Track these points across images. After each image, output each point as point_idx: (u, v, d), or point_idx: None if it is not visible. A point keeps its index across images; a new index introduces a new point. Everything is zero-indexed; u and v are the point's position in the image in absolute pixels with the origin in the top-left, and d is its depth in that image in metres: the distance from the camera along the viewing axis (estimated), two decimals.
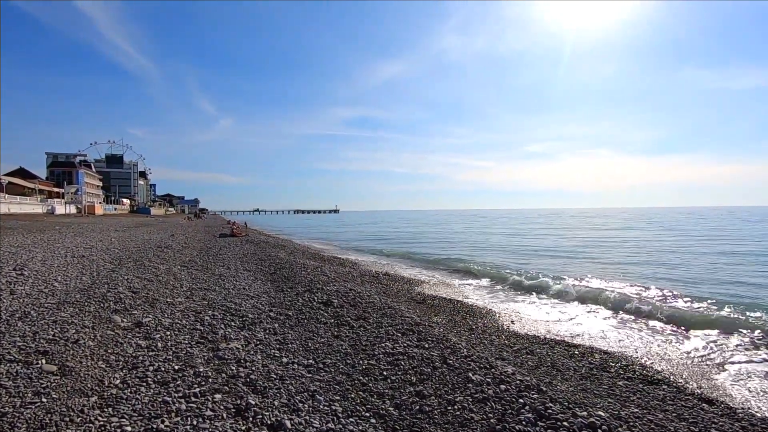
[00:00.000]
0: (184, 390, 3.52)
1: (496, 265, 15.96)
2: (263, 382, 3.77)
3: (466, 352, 4.77)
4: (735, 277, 12.85)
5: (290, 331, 5.47)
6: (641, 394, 4.25)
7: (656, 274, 13.67)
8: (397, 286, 10.40)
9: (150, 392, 3.45)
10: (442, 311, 7.86)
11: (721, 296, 10.05)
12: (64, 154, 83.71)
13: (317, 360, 4.47)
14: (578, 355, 5.60)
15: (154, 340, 4.75)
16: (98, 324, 5.21)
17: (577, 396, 3.86)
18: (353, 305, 7.09)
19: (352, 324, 5.94)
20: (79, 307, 5.90)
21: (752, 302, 9.36)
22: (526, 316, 8.19)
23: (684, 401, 4.12)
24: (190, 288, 7.93)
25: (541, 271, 14.19)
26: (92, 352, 4.24)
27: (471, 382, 3.93)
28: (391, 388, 3.84)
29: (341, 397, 3.60)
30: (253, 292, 7.91)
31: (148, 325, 5.30)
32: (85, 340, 4.57)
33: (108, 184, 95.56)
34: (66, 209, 54.49)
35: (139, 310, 6.03)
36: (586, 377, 4.71)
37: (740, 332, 7.05)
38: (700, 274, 13.47)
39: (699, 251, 20.20)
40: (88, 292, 6.86)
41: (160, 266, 10.35)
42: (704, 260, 16.88)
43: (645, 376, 4.85)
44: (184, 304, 6.59)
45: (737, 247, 22.02)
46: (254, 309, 6.51)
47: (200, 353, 4.42)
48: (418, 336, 5.40)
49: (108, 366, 3.95)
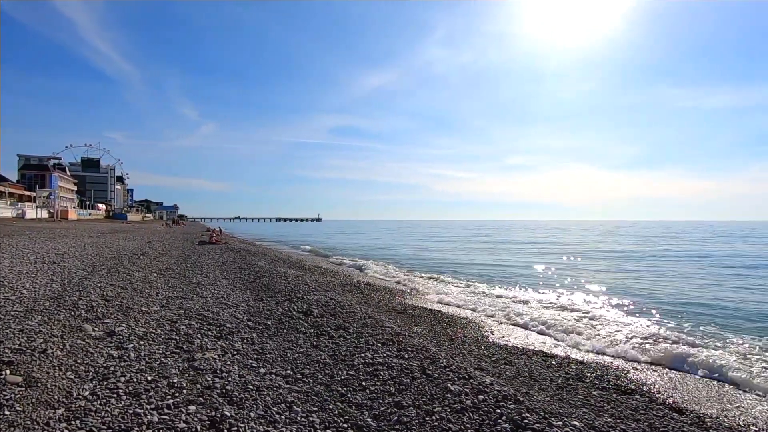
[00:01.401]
0: (157, 401, 3.42)
1: (478, 276, 16.12)
2: (240, 393, 3.70)
3: (446, 363, 4.78)
4: (705, 291, 13.29)
5: (269, 341, 5.39)
6: (615, 403, 4.34)
7: (625, 285, 14.03)
8: (378, 296, 10.38)
9: (121, 404, 3.35)
10: (422, 321, 7.88)
11: (690, 309, 10.38)
12: (37, 157, 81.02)
13: (296, 370, 4.41)
14: (555, 365, 5.69)
15: (126, 349, 4.61)
16: (68, 333, 5.03)
17: (553, 406, 3.92)
18: (333, 315, 7.04)
19: (331, 334, 5.90)
20: (48, 316, 5.69)
21: (723, 314, 9.69)
22: (505, 326, 8.28)
23: (655, 411, 4.22)
24: (166, 296, 7.74)
25: (522, 283, 14.40)
26: (60, 363, 4.09)
27: (450, 393, 3.95)
28: (370, 398, 3.82)
29: (319, 408, 3.57)
30: (231, 301, 7.78)
31: (121, 334, 5.14)
32: (54, 349, 4.41)
33: (83, 188, 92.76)
34: (37, 213, 52.60)
35: (112, 318, 5.85)
36: (562, 387, 4.78)
37: (708, 343, 7.29)
38: (670, 288, 13.89)
39: (670, 266, 20.84)
40: (58, 300, 6.63)
41: (135, 274, 10.09)
42: (677, 275, 17.42)
43: (619, 386, 4.96)
44: (159, 312, 6.43)
45: (708, 260, 22.81)
46: (232, 318, 6.40)
47: (175, 363, 4.32)
48: (398, 346, 5.39)
49: (77, 377, 3.82)
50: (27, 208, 51.32)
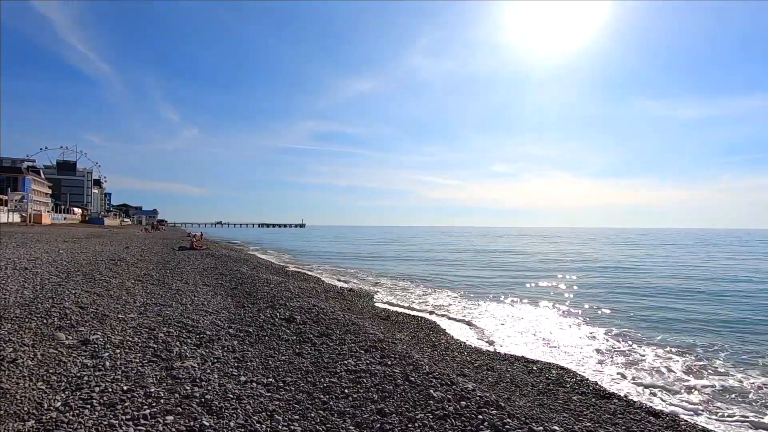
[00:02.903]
0: (133, 412, 3.33)
1: (463, 282, 16.23)
2: (219, 402, 3.63)
3: (428, 369, 4.79)
4: (687, 299, 13.67)
5: (250, 349, 5.31)
6: (594, 408, 4.42)
7: (606, 289, 14.34)
8: (361, 302, 10.34)
9: (95, 415, 3.24)
10: (405, 328, 7.88)
11: (664, 315, 10.67)
12: (9, 159, 78.29)
13: (277, 378, 4.36)
14: (536, 370, 5.76)
15: (101, 358, 4.48)
16: (39, 342, 4.86)
17: (534, 411, 3.96)
18: (316, 321, 6.98)
19: (314, 341, 5.85)
20: (18, 324, 5.48)
21: (695, 322, 9.98)
22: (488, 332, 8.35)
23: (633, 414, 4.31)
24: (144, 303, 7.56)
25: (503, 289, 14.55)
26: (31, 372, 3.95)
27: (432, 399, 3.95)
28: (353, 406, 3.79)
29: (300, 417, 3.52)
30: (212, 307, 7.64)
31: (96, 342, 4.99)
32: (24, 359, 4.25)
33: (58, 192, 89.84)
34: (9, 218, 50.76)
35: (87, 326, 5.67)
36: (543, 392, 4.84)
37: (682, 350, 7.50)
38: (648, 293, 14.25)
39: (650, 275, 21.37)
40: (29, 307, 6.39)
41: (112, 280, 9.81)
42: (656, 283, 17.88)
43: (597, 390, 5.05)
44: (137, 320, 6.27)
45: (694, 273, 23.48)
46: (212, 325, 6.29)
47: (152, 372, 4.21)
48: (381, 353, 5.38)
49: (48, 387, 3.69)
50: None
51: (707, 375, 6.12)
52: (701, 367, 6.45)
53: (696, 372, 6.23)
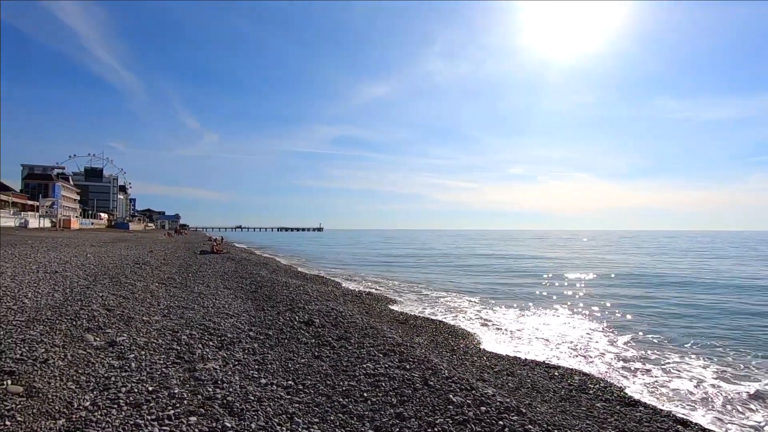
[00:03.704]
0: (158, 412, 3.41)
1: (482, 286, 16.06)
2: (240, 404, 3.68)
3: (447, 374, 4.76)
4: (712, 305, 13.21)
5: (270, 351, 5.38)
6: (619, 415, 4.30)
7: (626, 297, 13.96)
8: (379, 306, 10.34)
9: (122, 415, 3.34)
10: (424, 332, 7.84)
11: (691, 322, 10.32)
12: (40, 166, 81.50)
13: (297, 381, 4.40)
14: (558, 376, 5.64)
15: (127, 360, 4.61)
16: (69, 343, 5.03)
17: (556, 418, 3.89)
18: (335, 325, 7.02)
19: (333, 344, 5.88)
20: (50, 325, 5.69)
21: (730, 330, 9.63)
22: (508, 337, 8.23)
23: (660, 423, 4.18)
24: (167, 306, 7.74)
25: (522, 293, 14.34)
26: (62, 373, 4.09)
27: (451, 404, 3.92)
28: (372, 410, 3.79)
29: (320, 420, 3.55)
30: (232, 311, 7.77)
31: (122, 344, 5.14)
32: (55, 359, 4.40)
33: (86, 197, 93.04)
34: (40, 223, 52.79)
35: (113, 328, 5.85)
36: (565, 399, 4.74)
37: (712, 357, 7.23)
38: (671, 301, 13.81)
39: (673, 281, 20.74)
40: (59, 310, 6.63)
41: (137, 283, 10.09)
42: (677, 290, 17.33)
43: (622, 397, 4.91)
44: (160, 322, 6.43)
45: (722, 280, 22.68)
46: (233, 328, 6.39)
47: (176, 374, 4.30)
48: (399, 357, 5.37)
49: (78, 387, 3.81)
50: (30, 217, 51.53)
51: (738, 383, 5.88)
52: (733, 376, 6.20)
53: (728, 380, 6.00)
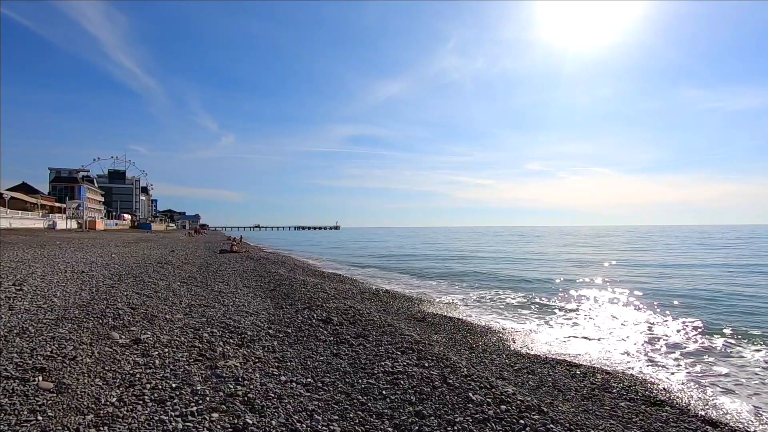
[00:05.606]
0: (181, 408, 3.48)
1: (501, 283, 15.89)
2: (261, 401, 3.73)
3: (467, 372, 4.72)
4: (734, 299, 12.76)
5: (289, 349, 5.43)
6: (644, 415, 4.19)
7: (654, 291, 13.59)
8: (397, 304, 10.34)
9: (147, 411, 3.42)
10: (442, 329, 7.80)
11: (720, 317, 9.98)
12: (66, 170, 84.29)
13: (316, 378, 4.43)
14: (580, 375, 5.53)
15: (151, 357, 4.72)
16: (96, 340, 5.18)
17: (578, 417, 3.81)
18: (353, 323, 7.04)
19: (351, 342, 5.90)
20: (78, 324, 5.87)
21: (753, 324, 9.29)
22: (528, 335, 8.12)
23: (687, 423, 4.06)
24: (189, 304, 7.90)
25: (542, 290, 14.13)
26: (89, 369, 4.21)
27: (471, 402, 3.89)
28: (390, 407, 3.79)
29: (339, 417, 3.56)
30: (252, 309, 7.88)
31: (146, 341, 5.27)
32: (83, 356, 4.54)
33: (110, 199, 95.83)
34: (67, 224, 54.57)
35: (138, 326, 6.00)
36: (587, 398, 4.65)
37: (742, 354, 6.99)
38: (698, 295, 13.39)
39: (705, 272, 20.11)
40: (86, 308, 6.84)
41: (159, 282, 10.33)
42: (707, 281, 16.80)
43: (647, 397, 4.78)
44: (182, 320, 6.56)
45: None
46: (253, 326, 6.48)
47: (198, 371, 4.39)
48: (418, 355, 5.35)
49: (105, 383, 3.92)
50: (57, 219, 53.34)
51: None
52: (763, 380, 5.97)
53: (757, 382, 5.78)
